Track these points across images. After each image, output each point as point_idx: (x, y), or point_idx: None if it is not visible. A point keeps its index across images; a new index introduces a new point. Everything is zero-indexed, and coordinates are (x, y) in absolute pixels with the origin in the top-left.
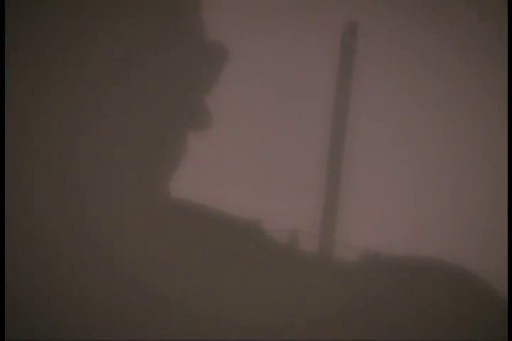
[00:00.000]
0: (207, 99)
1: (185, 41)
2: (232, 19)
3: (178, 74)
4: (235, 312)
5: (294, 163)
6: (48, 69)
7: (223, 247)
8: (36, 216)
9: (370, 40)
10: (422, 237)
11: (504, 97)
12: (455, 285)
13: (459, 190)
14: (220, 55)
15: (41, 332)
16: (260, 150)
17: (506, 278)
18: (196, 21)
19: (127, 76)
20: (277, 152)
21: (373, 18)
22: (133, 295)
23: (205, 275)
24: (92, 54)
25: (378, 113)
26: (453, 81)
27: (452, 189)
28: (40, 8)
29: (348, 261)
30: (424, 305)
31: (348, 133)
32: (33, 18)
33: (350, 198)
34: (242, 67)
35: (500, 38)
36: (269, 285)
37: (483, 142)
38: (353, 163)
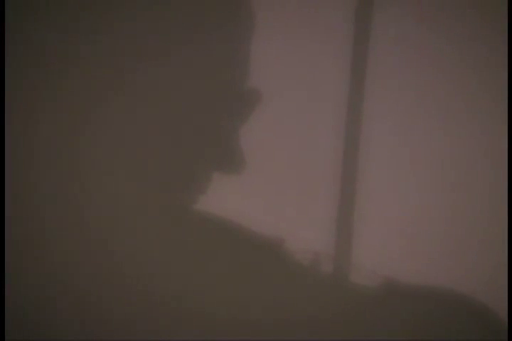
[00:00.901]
0: (240, 139)
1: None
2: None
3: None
4: (245, 325)
5: (310, 179)
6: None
7: (244, 261)
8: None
9: (379, 43)
10: (441, 264)
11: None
12: (467, 316)
13: (488, 218)
14: (254, 97)
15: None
16: (275, 169)
17: None
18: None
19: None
20: (292, 170)
21: (383, 21)
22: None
23: (221, 286)
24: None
25: (388, 124)
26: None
27: (476, 215)
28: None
29: (362, 285)
30: (435, 333)
31: (362, 148)
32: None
33: (365, 220)
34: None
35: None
36: (283, 301)
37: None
38: (367, 184)
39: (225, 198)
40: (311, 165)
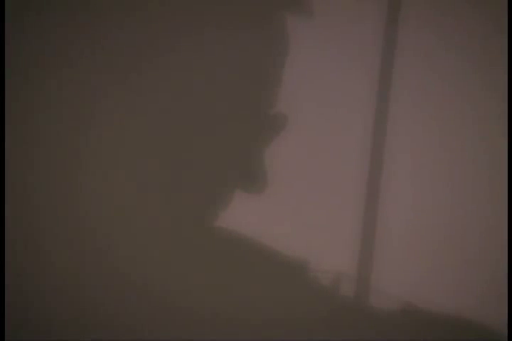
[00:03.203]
0: (265, 160)
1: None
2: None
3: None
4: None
5: (333, 200)
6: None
7: (265, 280)
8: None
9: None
10: (464, 290)
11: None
12: None
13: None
14: (280, 120)
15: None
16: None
17: None
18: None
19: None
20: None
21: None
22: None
23: (241, 305)
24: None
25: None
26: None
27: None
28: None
29: (380, 308)
30: None
31: (385, 171)
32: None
33: (387, 242)
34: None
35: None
36: (301, 320)
37: None
38: (391, 206)
39: (248, 218)
40: (335, 187)
